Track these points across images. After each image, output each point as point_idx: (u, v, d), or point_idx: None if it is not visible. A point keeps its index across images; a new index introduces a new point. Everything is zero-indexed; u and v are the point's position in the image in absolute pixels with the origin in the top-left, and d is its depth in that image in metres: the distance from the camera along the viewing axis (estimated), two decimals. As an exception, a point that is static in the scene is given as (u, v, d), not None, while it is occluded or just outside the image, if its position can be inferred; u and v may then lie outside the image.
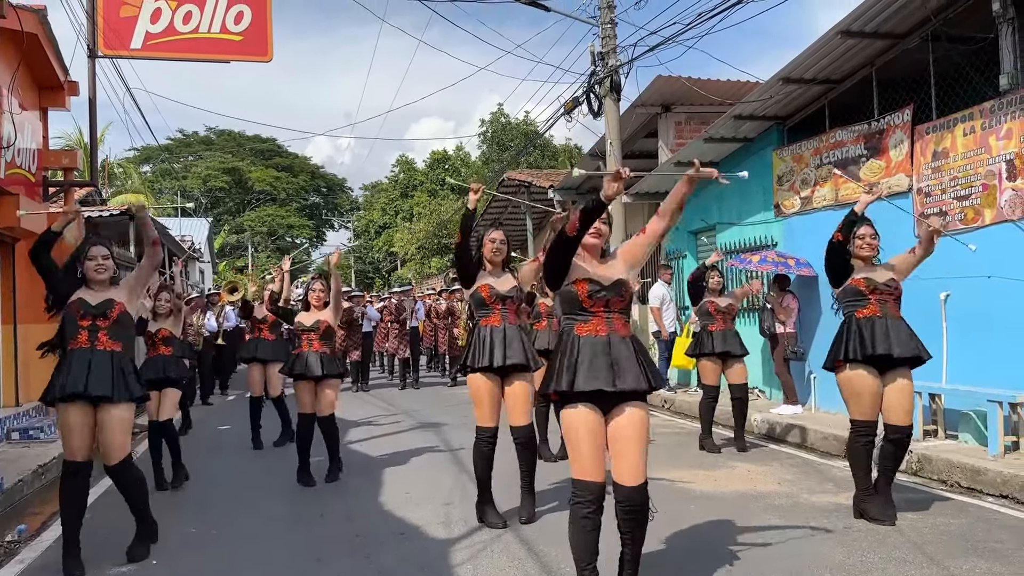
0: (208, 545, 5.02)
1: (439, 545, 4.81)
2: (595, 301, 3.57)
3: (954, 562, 4.28)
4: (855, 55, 8.47)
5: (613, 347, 3.53)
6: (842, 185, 8.98)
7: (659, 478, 6.46)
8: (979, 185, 7.23)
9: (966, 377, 7.23)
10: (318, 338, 6.69)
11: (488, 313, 5.22)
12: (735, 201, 11.17)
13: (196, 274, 24.17)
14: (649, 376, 3.54)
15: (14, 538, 5.17)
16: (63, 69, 10.24)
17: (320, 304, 6.87)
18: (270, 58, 11.53)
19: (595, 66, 12.64)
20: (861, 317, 5.13)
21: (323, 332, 6.72)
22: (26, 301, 9.72)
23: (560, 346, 3.63)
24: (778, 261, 9.30)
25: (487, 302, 5.21)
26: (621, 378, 3.47)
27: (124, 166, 30.06)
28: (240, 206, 50.26)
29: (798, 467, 6.87)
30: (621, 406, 3.53)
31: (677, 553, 4.52)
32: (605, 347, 3.53)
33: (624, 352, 3.53)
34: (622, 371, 3.49)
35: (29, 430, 8.47)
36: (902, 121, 8.15)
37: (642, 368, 3.53)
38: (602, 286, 3.59)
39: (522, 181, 18.55)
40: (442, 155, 42.35)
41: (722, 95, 11.43)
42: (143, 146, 41.07)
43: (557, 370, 3.55)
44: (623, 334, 3.59)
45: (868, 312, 5.13)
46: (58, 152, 11.43)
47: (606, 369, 3.48)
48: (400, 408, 11.65)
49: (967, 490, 5.96)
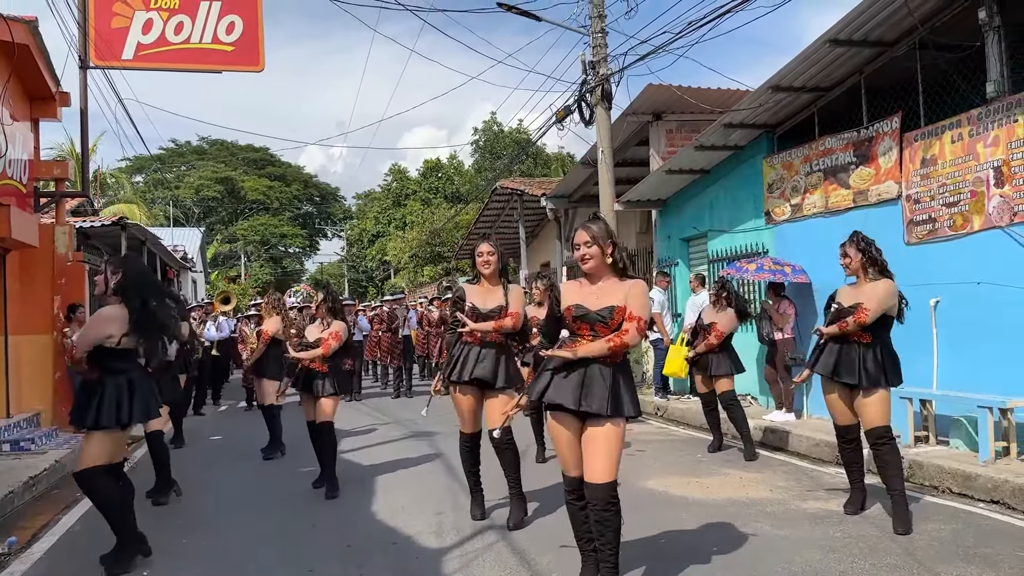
0: (200, 556, 5.00)
1: (431, 555, 4.80)
2: (579, 325, 3.79)
3: (945, 568, 4.29)
4: (844, 63, 8.52)
5: (588, 369, 3.72)
6: (832, 192, 9.03)
7: (650, 486, 6.46)
8: (967, 192, 7.27)
9: (957, 383, 7.26)
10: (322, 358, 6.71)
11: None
12: (726, 209, 11.21)
13: (188, 284, 24.09)
14: (613, 404, 3.68)
15: (4, 550, 5.14)
16: (54, 80, 10.24)
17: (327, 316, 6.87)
18: (262, 68, 11.56)
19: (586, 75, 12.67)
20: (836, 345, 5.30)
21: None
22: (17, 312, 9.70)
23: (547, 362, 3.85)
24: (775, 269, 9.30)
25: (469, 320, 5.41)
26: (586, 400, 3.69)
27: (116, 176, 30.05)
28: (233, 215, 50.22)
29: (790, 474, 6.88)
30: (595, 417, 3.72)
31: (668, 560, 4.51)
32: (581, 371, 3.72)
33: (598, 376, 3.71)
34: (589, 393, 3.69)
35: (20, 442, 8.43)
36: (891, 128, 8.20)
37: (611, 394, 3.68)
38: (588, 311, 3.78)
39: (515, 189, 18.59)
40: (435, 164, 42.41)
41: (713, 103, 11.48)
42: (135, 156, 41.20)
43: (538, 380, 3.85)
44: (604, 362, 3.73)
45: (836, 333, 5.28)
46: (49, 163, 11.42)
47: (574, 388, 3.70)
48: (393, 417, 11.63)
49: (958, 496, 5.97)
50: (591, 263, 3.83)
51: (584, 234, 3.84)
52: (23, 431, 8.96)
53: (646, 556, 4.62)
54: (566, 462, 3.89)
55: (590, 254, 3.82)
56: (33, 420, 9.46)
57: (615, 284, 3.83)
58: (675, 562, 4.48)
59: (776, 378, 9.31)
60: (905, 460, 6.59)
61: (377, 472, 7.43)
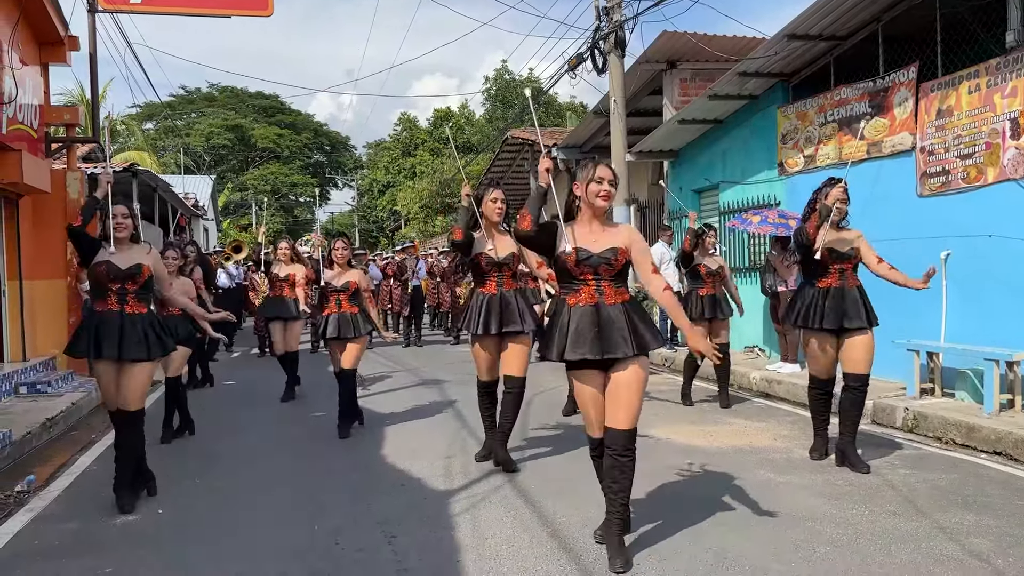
0: (213, 495, 5.12)
1: (439, 496, 4.91)
2: (583, 269, 3.69)
3: (943, 515, 4.36)
4: (861, 11, 8.36)
5: (602, 316, 3.67)
6: (845, 143, 8.94)
7: (655, 435, 6.55)
8: (983, 144, 7.19)
9: (965, 336, 7.27)
10: (348, 299, 6.85)
11: (484, 280, 5.48)
12: (738, 160, 11.12)
13: (200, 232, 24.17)
14: (636, 342, 3.64)
15: (23, 488, 5.29)
16: (63, 23, 10.16)
17: (344, 263, 6.98)
18: (270, 12, 11.44)
19: (600, 21, 12.49)
20: (820, 287, 5.38)
21: (352, 292, 6.86)
22: (32, 256, 9.78)
23: (554, 315, 3.82)
24: (779, 222, 9.26)
25: (483, 270, 5.46)
26: (608, 347, 3.63)
27: (127, 123, 29.93)
28: (243, 164, 50.07)
29: (794, 423, 6.95)
30: (619, 363, 3.67)
31: (670, 506, 4.60)
32: (594, 316, 3.67)
33: (611, 319, 3.66)
34: (608, 339, 3.63)
35: (37, 384, 8.59)
36: (907, 79, 8.08)
37: (631, 333, 3.64)
38: (591, 253, 3.69)
39: (525, 139, 18.46)
40: (445, 113, 42.02)
41: (728, 51, 11.31)
42: (145, 103, 40.87)
43: (550, 339, 3.76)
44: (613, 302, 3.70)
45: (827, 283, 5.37)
46: (60, 108, 11.42)
47: (592, 339, 3.64)
48: (403, 365, 11.75)
49: (961, 447, 6.03)
50: (609, 202, 3.77)
51: (609, 171, 3.73)
52: (39, 374, 9.12)
53: (649, 502, 4.71)
54: (592, 424, 3.82)
55: (613, 193, 3.76)
56: (49, 364, 9.61)
57: (608, 227, 3.80)
58: (677, 507, 4.57)
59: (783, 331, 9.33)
60: (910, 411, 6.67)
61: (388, 418, 7.54)
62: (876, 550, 3.86)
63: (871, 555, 3.80)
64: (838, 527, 4.20)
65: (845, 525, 4.22)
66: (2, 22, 8.67)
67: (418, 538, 4.16)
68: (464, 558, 3.86)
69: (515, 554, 3.90)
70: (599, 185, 3.70)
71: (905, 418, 6.69)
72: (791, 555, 3.82)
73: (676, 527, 4.20)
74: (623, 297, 3.74)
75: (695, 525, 4.24)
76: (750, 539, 4.03)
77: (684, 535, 4.10)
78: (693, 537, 4.07)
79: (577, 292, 3.74)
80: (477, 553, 3.91)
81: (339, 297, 6.86)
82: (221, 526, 4.48)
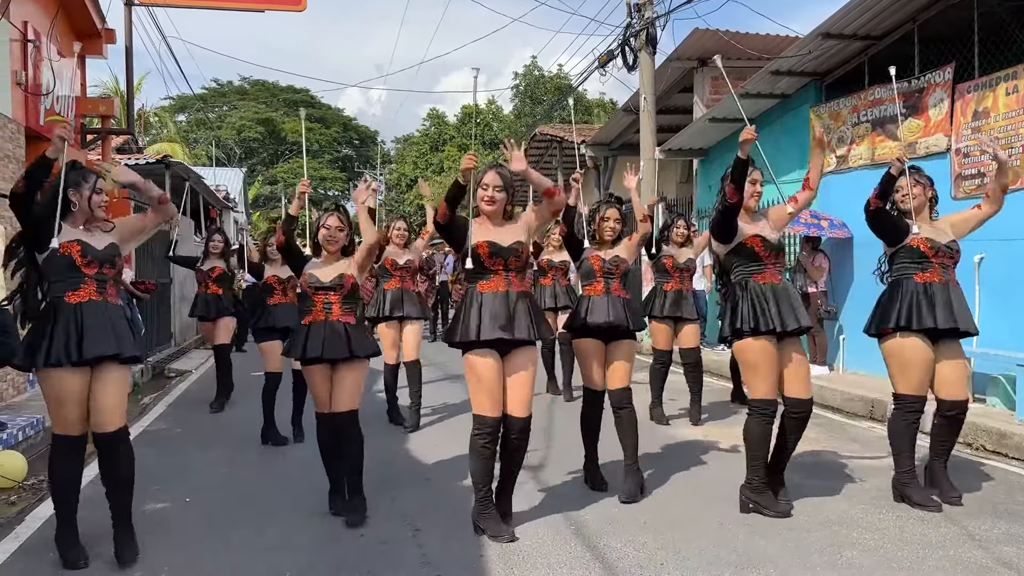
0: (239, 485, 5.19)
1: (463, 490, 4.92)
2: (495, 261, 4.01)
3: (973, 522, 4.31)
4: (897, 11, 8.26)
5: (511, 301, 4.01)
6: (879, 144, 8.83)
7: (683, 434, 6.52)
8: (1020, 147, 7.07)
9: (997, 341, 7.16)
10: (339, 301, 4.50)
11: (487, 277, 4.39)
12: (770, 159, 10.92)
13: (231, 224, 24.41)
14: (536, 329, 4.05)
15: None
16: (100, 16, 10.32)
17: (337, 250, 4.58)
18: (304, 7, 11.54)
19: (631, 18, 12.44)
20: (920, 282, 4.59)
21: (347, 292, 4.52)
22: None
23: (463, 301, 4.10)
24: (811, 223, 9.17)
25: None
26: (517, 329, 3.99)
27: (160, 115, 30.30)
28: (274, 157, 50.50)
29: (823, 427, 6.89)
30: (515, 350, 4.08)
31: (695, 507, 4.59)
32: (504, 301, 4.00)
33: (520, 306, 4.02)
34: (518, 323, 3.98)
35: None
36: (943, 79, 7.97)
37: (531, 321, 4.03)
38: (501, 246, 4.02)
39: (554, 136, 18.42)
40: (473, 109, 42.05)
41: (760, 50, 11.22)
42: (178, 95, 41.36)
43: (463, 321, 4.03)
44: (518, 290, 4.07)
45: (928, 277, 4.59)
46: (95, 100, 11.57)
47: (505, 320, 3.97)
48: (429, 360, 11.75)
49: (992, 453, 5.95)
50: (494, 207, 4.10)
51: (497, 177, 4.11)
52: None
53: (674, 503, 4.70)
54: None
55: (497, 198, 4.10)
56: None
57: (510, 224, 4.16)
58: (702, 507, 4.55)
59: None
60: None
61: (412, 411, 7.56)
62: (903, 556, 3.82)
63: (898, 561, 3.76)
64: (865, 532, 4.16)
65: (872, 530, 4.19)
66: (41, 15, 8.81)
67: (442, 531, 4.19)
68: (488, 552, 3.89)
69: (538, 548, 3.92)
70: (484, 191, 4.10)
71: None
72: (816, 558, 3.79)
73: (701, 528, 4.20)
74: (524, 287, 4.15)
75: (720, 526, 4.23)
76: (775, 541, 4.01)
77: (708, 536, 4.09)
78: (717, 538, 4.06)
79: (488, 280, 4.05)
80: (501, 547, 3.93)
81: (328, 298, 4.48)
82: (246, 516, 4.54)
